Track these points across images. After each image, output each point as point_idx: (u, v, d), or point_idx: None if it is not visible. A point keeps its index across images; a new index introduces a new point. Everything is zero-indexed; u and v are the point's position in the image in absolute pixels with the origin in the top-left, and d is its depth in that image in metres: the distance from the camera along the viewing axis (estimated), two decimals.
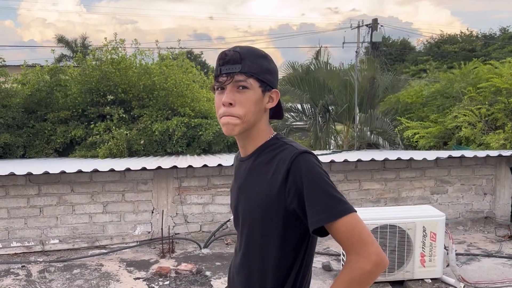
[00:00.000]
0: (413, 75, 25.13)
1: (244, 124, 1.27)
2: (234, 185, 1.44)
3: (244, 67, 1.24)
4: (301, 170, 1.19)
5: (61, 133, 9.36)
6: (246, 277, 1.33)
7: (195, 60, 26.42)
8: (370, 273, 1.15)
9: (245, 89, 1.25)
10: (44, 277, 4.47)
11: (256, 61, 1.27)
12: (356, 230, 1.16)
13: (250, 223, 1.30)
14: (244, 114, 1.26)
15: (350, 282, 1.16)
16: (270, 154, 1.28)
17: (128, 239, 5.36)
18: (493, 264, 4.77)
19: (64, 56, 24.72)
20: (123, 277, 4.45)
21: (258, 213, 1.26)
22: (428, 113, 9.70)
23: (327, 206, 1.16)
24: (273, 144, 1.31)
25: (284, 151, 1.25)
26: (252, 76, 1.25)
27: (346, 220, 1.16)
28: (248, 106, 1.26)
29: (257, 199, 1.27)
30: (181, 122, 9.33)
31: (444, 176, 6.01)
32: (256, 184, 1.28)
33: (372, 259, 1.14)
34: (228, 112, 1.26)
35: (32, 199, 5.15)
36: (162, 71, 9.94)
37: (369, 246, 1.15)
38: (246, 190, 1.33)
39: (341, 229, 1.16)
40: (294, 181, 1.19)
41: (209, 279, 4.39)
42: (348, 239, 1.16)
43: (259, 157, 1.31)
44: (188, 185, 5.48)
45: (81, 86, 9.81)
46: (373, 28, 14.03)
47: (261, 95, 1.28)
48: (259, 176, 1.28)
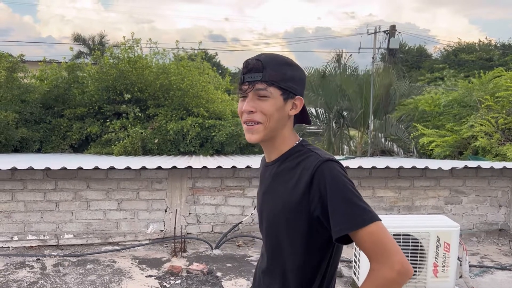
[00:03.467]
0: (429, 82, 24.94)
1: (266, 130, 1.30)
2: (259, 189, 1.46)
3: (265, 76, 1.27)
4: (325, 178, 1.20)
5: (77, 130, 9.50)
6: (272, 279, 1.36)
7: (209, 61, 26.56)
8: (394, 282, 1.14)
9: (265, 97, 1.27)
10: (58, 270, 4.55)
11: (278, 69, 1.29)
12: (379, 239, 1.16)
13: (274, 227, 1.33)
14: (264, 121, 1.28)
15: None
16: (294, 161, 1.30)
17: (140, 236, 5.42)
18: (507, 277, 4.71)
19: (81, 54, 25.08)
20: (135, 274, 4.49)
21: (282, 218, 1.29)
22: (444, 122, 9.62)
23: (351, 215, 1.16)
24: (297, 151, 1.32)
25: (308, 158, 1.27)
26: (273, 84, 1.27)
27: (370, 229, 1.16)
28: (268, 114, 1.28)
29: (280, 205, 1.29)
30: (195, 123, 9.40)
31: (459, 187, 5.95)
32: (280, 190, 1.30)
33: (396, 268, 1.13)
34: (250, 119, 1.29)
35: (49, 194, 5.23)
36: (180, 71, 10.02)
37: (393, 255, 1.15)
38: (270, 196, 1.35)
39: (365, 238, 1.16)
40: (317, 189, 1.20)
41: (220, 280, 4.42)
42: (371, 248, 1.17)
43: (283, 163, 1.33)
44: (201, 186, 5.51)
45: (98, 84, 9.94)
46: (390, 35, 13.95)
47: (283, 103, 1.29)
48: (283, 182, 1.30)
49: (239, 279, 4.43)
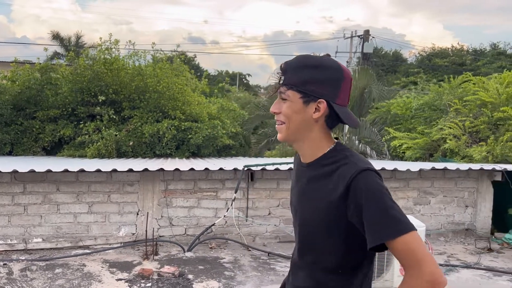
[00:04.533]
0: (404, 86, 25.44)
1: (288, 131, 1.34)
2: (295, 185, 1.47)
3: (285, 79, 1.33)
4: (361, 188, 1.22)
5: (50, 132, 9.34)
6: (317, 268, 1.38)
7: (188, 63, 26.45)
8: None
9: (286, 100, 1.33)
10: (25, 275, 4.47)
11: (298, 72, 1.32)
12: (411, 249, 1.17)
13: (310, 227, 1.36)
14: (285, 122, 1.34)
15: None
16: (331, 167, 1.31)
17: (112, 240, 5.37)
18: (471, 275, 4.86)
19: (57, 54, 24.61)
20: (105, 278, 4.45)
21: (318, 221, 1.31)
22: (416, 125, 9.86)
23: (385, 225, 1.18)
24: (332, 156, 1.33)
25: (345, 165, 1.28)
26: (291, 88, 1.31)
27: (404, 239, 1.17)
28: (287, 115, 1.33)
29: (317, 208, 1.31)
30: (171, 125, 9.36)
31: (427, 188, 6.11)
32: (316, 195, 1.33)
33: (426, 278, 1.15)
34: (276, 118, 1.38)
35: (17, 197, 5.14)
36: (156, 74, 9.97)
37: (424, 265, 1.16)
38: (308, 197, 1.37)
39: (398, 247, 1.18)
40: (354, 198, 1.23)
41: (191, 282, 4.42)
42: (404, 258, 1.18)
43: (319, 168, 1.35)
44: (174, 188, 5.50)
45: (72, 85, 9.80)
46: (364, 39, 14.20)
47: (302, 106, 1.31)
48: (320, 187, 1.32)
49: (210, 281, 4.45)
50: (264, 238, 5.76)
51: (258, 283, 4.45)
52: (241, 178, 5.48)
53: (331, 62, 1.35)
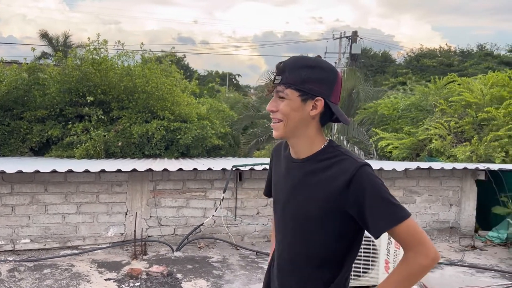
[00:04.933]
0: (393, 87, 25.70)
1: (286, 128, 1.41)
2: (282, 180, 1.53)
3: (283, 79, 1.39)
4: (363, 183, 1.33)
5: (38, 132, 9.28)
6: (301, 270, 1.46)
7: (178, 64, 26.40)
8: (427, 267, 1.33)
9: (283, 98, 1.40)
10: (13, 276, 4.46)
11: (296, 72, 1.39)
12: (414, 232, 1.33)
13: (305, 219, 1.43)
14: (284, 120, 1.40)
15: (408, 275, 1.35)
16: (328, 162, 1.40)
17: (100, 240, 5.38)
18: (455, 272, 4.97)
19: (45, 54, 24.40)
20: (93, 278, 4.47)
21: (315, 212, 1.40)
22: (403, 125, 10.00)
23: (388, 213, 1.32)
24: (329, 152, 1.42)
25: (343, 161, 1.38)
26: (290, 86, 1.38)
27: (406, 224, 1.32)
28: (286, 113, 1.40)
29: (315, 200, 1.39)
30: (160, 125, 9.37)
31: (412, 187, 6.22)
32: (315, 188, 1.40)
33: (431, 256, 1.32)
34: (273, 116, 1.44)
35: (4, 198, 5.12)
36: (144, 74, 9.96)
37: (427, 245, 1.33)
38: (303, 190, 1.43)
39: (402, 231, 1.32)
40: (355, 192, 1.33)
41: (180, 281, 4.45)
42: (408, 240, 1.33)
43: (316, 163, 1.42)
44: (163, 188, 5.53)
45: (60, 86, 9.75)
46: (352, 40, 14.35)
47: (300, 104, 1.38)
48: (318, 181, 1.40)
49: (198, 280, 4.49)
50: (253, 237, 5.81)
51: (246, 281, 4.50)
52: (230, 178, 5.53)
53: (325, 63, 1.44)
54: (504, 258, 5.46)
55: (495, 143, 7.41)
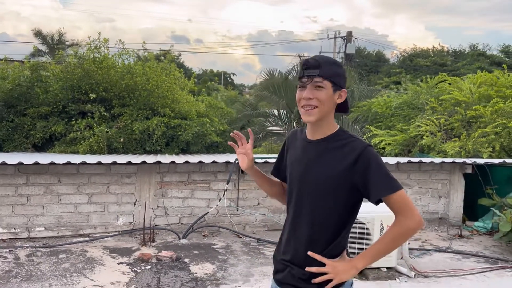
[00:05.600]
0: (386, 86, 26.11)
1: (320, 113, 1.72)
2: (299, 158, 1.85)
3: (321, 72, 1.70)
4: (369, 158, 1.67)
5: (41, 128, 9.53)
6: (313, 228, 1.78)
7: (173, 62, 26.58)
8: (413, 229, 1.67)
9: (321, 88, 1.70)
10: (32, 260, 4.77)
11: (330, 67, 1.72)
12: (405, 200, 1.67)
13: (321, 189, 1.75)
14: (320, 106, 1.70)
15: (397, 235, 1.68)
16: (341, 142, 1.73)
17: (110, 228, 5.69)
18: (442, 258, 5.34)
19: (39, 52, 24.54)
20: (107, 262, 4.79)
21: (329, 182, 1.72)
22: (395, 123, 10.38)
23: (387, 183, 1.66)
24: (341, 135, 1.76)
25: (353, 142, 1.72)
26: (326, 78, 1.70)
27: (400, 193, 1.66)
28: (323, 100, 1.70)
29: (330, 173, 1.72)
30: (161, 122, 9.65)
31: (404, 180, 6.59)
32: (330, 162, 1.73)
33: (417, 219, 1.66)
34: (308, 103, 1.72)
35: (20, 188, 5.42)
36: (145, 72, 10.25)
37: (414, 211, 1.67)
38: (320, 165, 1.76)
39: (397, 199, 1.66)
40: (362, 165, 1.67)
41: (188, 265, 4.79)
42: (400, 206, 1.67)
43: (331, 142, 1.75)
44: (169, 180, 5.86)
45: (63, 83, 10.01)
46: (347, 40, 14.72)
47: (332, 93, 1.71)
48: (333, 157, 1.73)
49: (205, 264, 4.82)
50: (254, 226, 6.15)
51: (249, 265, 4.84)
52: (232, 170, 5.86)
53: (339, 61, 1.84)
54: (489, 246, 5.85)
55: (483, 139, 7.80)
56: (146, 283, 4.27)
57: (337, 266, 1.74)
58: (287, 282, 1.84)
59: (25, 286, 4.10)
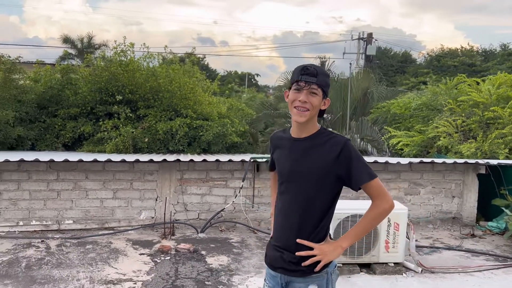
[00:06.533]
0: (413, 87, 25.88)
1: (310, 116, 1.98)
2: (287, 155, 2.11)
3: (318, 80, 1.96)
4: (350, 151, 1.94)
5: (71, 129, 10.04)
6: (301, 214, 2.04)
7: (197, 64, 27.12)
8: (387, 211, 1.98)
9: (315, 94, 1.97)
10: (61, 249, 5.18)
11: (324, 78, 1.99)
12: (380, 186, 1.98)
13: (307, 180, 2.01)
14: (311, 110, 1.96)
15: (375, 216, 1.97)
16: (324, 139, 2.00)
17: (134, 222, 6.06)
18: (452, 255, 5.46)
19: (69, 55, 25.53)
20: (129, 252, 5.15)
21: (315, 174, 1.99)
22: (414, 124, 10.43)
23: (367, 172, 1.95)
24: (323, 133, 2.03)
25: (334, 138, 1.99)
26: (320, 87, 1.98)
27: (376, 180, 1.97)
28: (315, 105, 1.97)
29: (315, 165, 1.99)
30: (183, 123, 10.02)
31: (417, 179, 6.72)
32: (315, 157, 2.00)
33: (390, 202, 1.98)
34: (302, 106, 1.97)
35: (51, 184, 5.85)
36: (168, 74, 10.65)
37: (387, 195, 1.99)
38: (306, 160, 2.03)
39: (373, 185, 1.96)
40: (344, 157, 1.94)
41: (204, 256, 5.09)
42: (376, 192, 1.97)
43: (314, 140, 2.02)
44: (189, 177, 6.19)
45: (91, 86, 10.51)
46: (367, 42, 14.78)
47: (321, 100, 2.00)
48: (317, 152, 2.00)
49: (220, 256, 5.11)
50: (268, 222, 6.41)
51: (262, 258, 5.07)
52: (248, 169, 6.14)
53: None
54: (500, 245, 5.92)
55: (500, 140, 7.81)
56: (165, 272, 4.59)
57: (323, 248, 2.00)
58: (279, 266, 2.10)
59: (55, 272, 4.49)
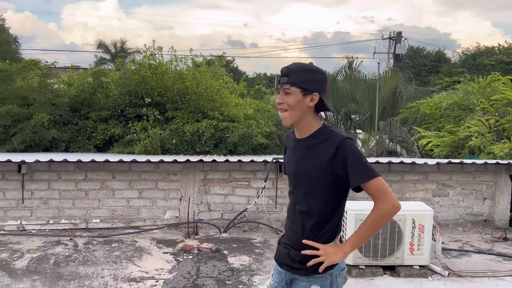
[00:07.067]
0: (447, 86, 25.16)
1: (291, 115, 1.92)
2: (292, 156, 2.09)
3: (289, 79, 1.92)
4: (346, 149, 1.86)
5: (102, 131, 10.33)
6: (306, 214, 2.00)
7: (226, 66, 27.40)
8: (389, 212, 1.85)
9: (289, 94, 1.92)
10: (88, 247, 5.33)
11: (300, 74, 1.91)
12: (381, 186, 1.85)
13: (309, 180, 1.98)
14: (289, 109, 1.91)
15: (375, 218, 1.86)
16: (322, 138, 1.93)
17: (158, 222, 6.17)
18: (482, 259, 5.26)
19: (103, 60, 26.34)
20: (153, 251, 5.24)
21: (315, 174, 1.94)
22: (445, 124, 10.12)
23: (363, 172, 1.84)
24: (323, 131, 1.95)
25: (332, 136, 1.91)
26: (294, 85, 1.91)
27: (376, 180, 1.85)
28: (291, 105, 1.90)
29: (315, 166, 1.94)
30: (210, 125, 10.12)
31: (446, 180, 6.52)
32: (314, 156, 1.95)
33: (392, 203, 1.84)
34: (280, 107, 1.96)
35: (80, 183, 6.03)
36: (195, 77, 10.79)
37: (389, 196, 1.85)
38: (306, 160, 1.99)
39: (372, 185, 1.84)
40: (340, 156, 1.85)
41: (226, 256, 5.12)
42: (376, 192, 1.85)
43: (314, 139, 1.96)
44: (212, 178, 6.24)
45: (121, 89, 10.79)
46: (397, 41, 14.49)
47: (302, 97, 1.89)
48: (316, 152, 1.95)
49: (242, 256, 5.13)
50: None
51: None
52: (270, 169, 6.13)
53: (316, 67, 2.02)
54: None
55: None
56: (187, 271, 4.64)
57: (327, 250, 1.94)
58: (285, 263, 2.09)
59: (81, 269, 4.63)
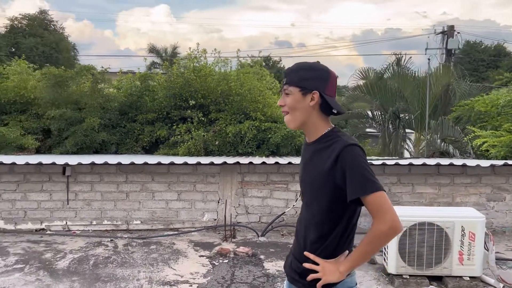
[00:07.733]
0: (507, 82, 23.60)
1: (293, 117, 1.79)
2: (301, 161, 1.97)
3: (287, 80, 1.82)
4: (347, 157, 1.64)
5: (148, 133, 10.57)
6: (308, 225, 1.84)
7: (273, 67, 27.30)
8: (385, 234, 1.60)
9: (288, 94, 1.81)
10: (127, 249, 5.40)
11: (297, 73, 1.79)
12: (380, 203, 1.60)
13: (311, 189, 1.83)
14: (290, 111, 1.79)
15: (371, 239, 1.63)
16: (327, 143, 1.75)
17: (197, 224, 6.16)
18: None
19: (154, 64, 27.17)
20: (190, 254, 5.22)
21: (316, 183, 1.78)
22: (502, 122, 9.42)
23: (361, 185, 1.61)
24: (329, 136, 1.77)
25: (336, 142, 1.71)
26: (292, 85, 1.79)
27: (374, 195, 1.60)
28: (291, 105, 1.78)
29: (316, 173, 1.78)
30: (252, 126, 10.05)
31: (502, 184, 6.01)
32: (317, 163, 1.79)
33: (388, 224, 1.58)
34: (283, 110, 1.86)
35: (121, 185, 6.16)
36: (239, 78, 10.79)
37: (387, 214, 1.59)
38: (310, 166, 1.85)
39: (370, 201, 1.60)
40: (341, 165, 1.65)
41: (263, 261, 4.99)
42: (373, 209, 1.60)
43: (319, 144, 1.79)
44: (249, 180, 6.15)
45: (167, 92, 10.99)
46: (449, 35, 13.73)
47: (301, 97, 1.75)
48: (319, 158, 1.79)
49: (279, 261, 4.98)
50: None
51: None
52: None
53: (319, 65, 1.85)
54: None
55: None
56: (221, 276, 4.57)
57: (325, 267, 1.74)
58: (287, 272, 1.96)
59: (118, 271, 4.69)
